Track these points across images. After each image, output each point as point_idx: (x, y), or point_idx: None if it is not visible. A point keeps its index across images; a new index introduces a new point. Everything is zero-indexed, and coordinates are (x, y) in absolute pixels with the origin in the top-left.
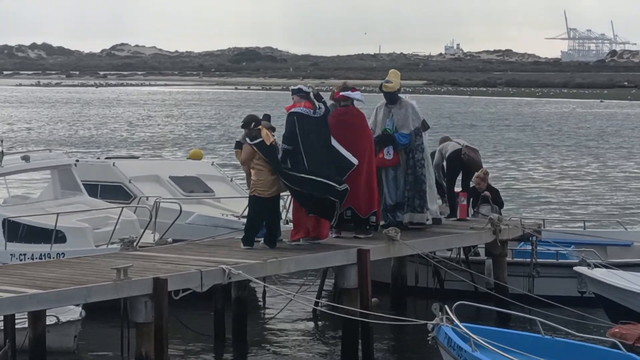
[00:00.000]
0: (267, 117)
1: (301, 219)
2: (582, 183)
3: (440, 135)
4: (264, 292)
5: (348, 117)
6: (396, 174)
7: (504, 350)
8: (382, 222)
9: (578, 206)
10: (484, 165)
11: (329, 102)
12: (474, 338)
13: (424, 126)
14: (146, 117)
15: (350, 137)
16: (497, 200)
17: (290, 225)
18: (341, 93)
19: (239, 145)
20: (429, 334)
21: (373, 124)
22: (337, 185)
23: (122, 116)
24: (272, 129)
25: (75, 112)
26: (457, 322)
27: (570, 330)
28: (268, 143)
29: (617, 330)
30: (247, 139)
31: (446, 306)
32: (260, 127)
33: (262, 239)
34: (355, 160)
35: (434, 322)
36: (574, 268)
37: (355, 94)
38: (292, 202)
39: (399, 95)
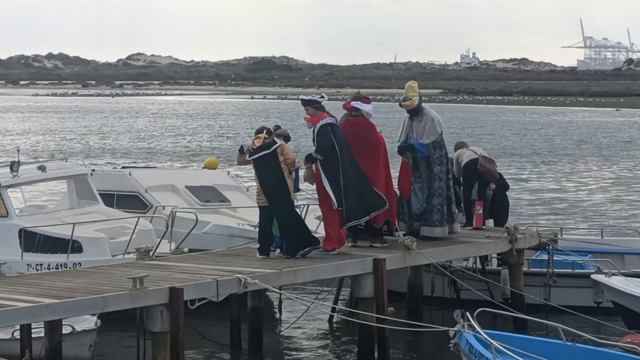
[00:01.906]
0: (277, 129)
1: (335, 228)
2: (600, 191)
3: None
4: (280, 302)
5: (359, 127)
6: (422, 185)
7: (525, 357)
8: (403, 232)
9: (595, 215)
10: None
11: (343, 112)
12: (495, 344)
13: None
14: (162, 127)
15: (361, 147)
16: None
17: None
18: (352, 104)
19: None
20: (451, 341)
21: (399, 134)
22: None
23: (138, 126)
24: (287, 139)
25: (92, 122)
26: (478, 328)
27: (592, 337)
28: (285, 158)
29: (629, 339)
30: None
31: (467, 313)
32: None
33: (278, 248)
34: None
35: (455, 328)
36: (592, 276)
37: (366, 107)
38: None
39: (421, 105)
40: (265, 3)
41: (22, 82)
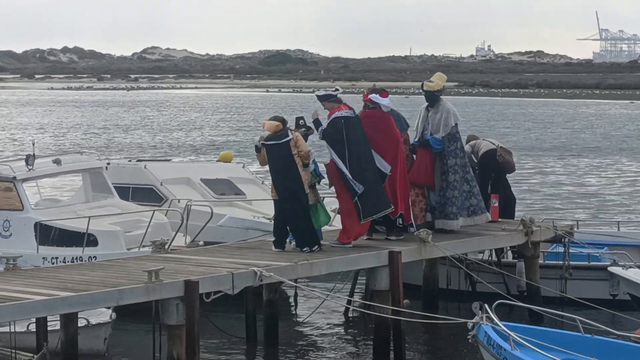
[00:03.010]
0: (308, 129)
1: (353, 221)
2: (617, 184)
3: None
4: (296, 294)
5: (375, 119)
6: (439, 178)
7: (543, 348)
8: (425, 221)
9: (612, 207)
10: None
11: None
12: (513, 336)
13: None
14: (178, 120)
15: (377, 140)
16: None
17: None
18: (370, 96)
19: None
20: (469, 333)
21: (415, 126)
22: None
23: (153, 119)
24: (306, 129)
25: (107, 116)
26: (497, 320)
27: (610, 329)
28: (299, 150)
29: None
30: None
31: (486, 305)
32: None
33: (294, 241)
34: (387, 168)
35: (474, 320)
36: (608, 269)
37: (384, 100)
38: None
39: (439, 97)
40: None
41: (37, 76)
